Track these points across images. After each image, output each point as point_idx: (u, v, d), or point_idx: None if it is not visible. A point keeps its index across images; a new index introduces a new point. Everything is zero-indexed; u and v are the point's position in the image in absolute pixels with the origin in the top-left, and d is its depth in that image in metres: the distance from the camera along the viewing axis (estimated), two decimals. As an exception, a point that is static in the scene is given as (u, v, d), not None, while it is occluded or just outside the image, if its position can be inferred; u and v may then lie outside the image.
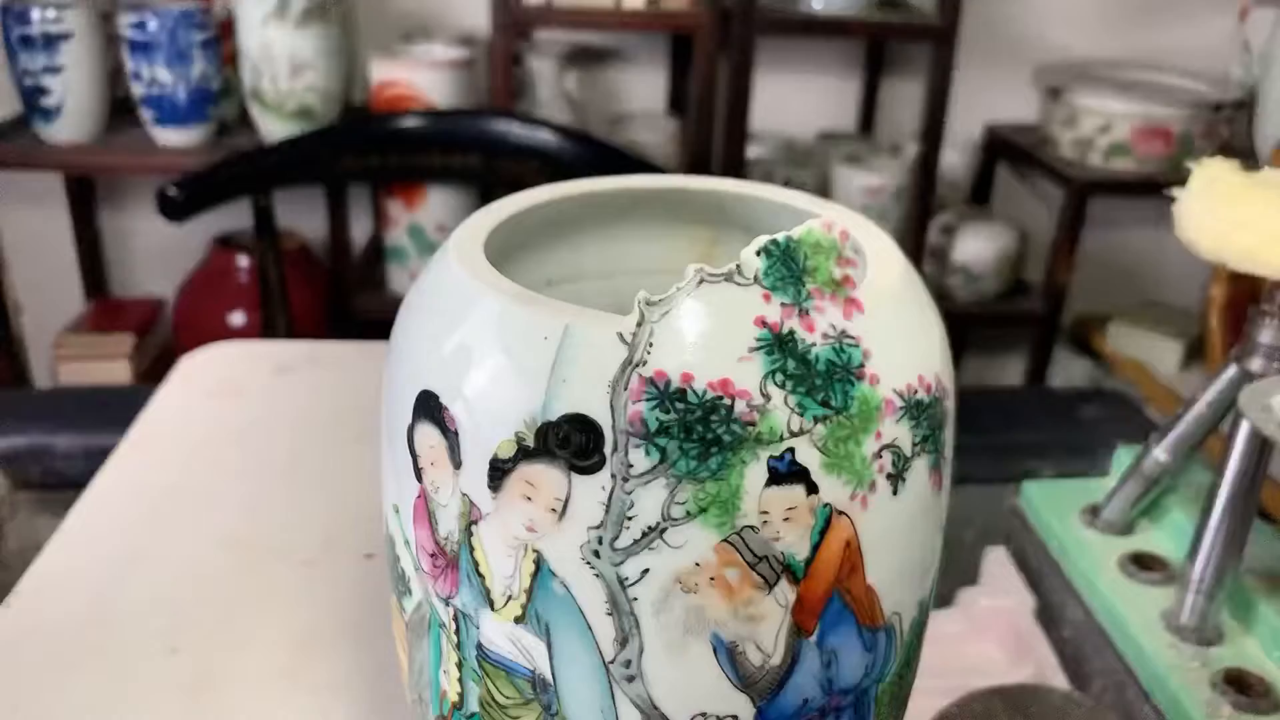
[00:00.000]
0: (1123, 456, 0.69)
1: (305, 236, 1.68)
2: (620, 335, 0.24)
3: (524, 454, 0.24)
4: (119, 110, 1.49)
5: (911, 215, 1.51)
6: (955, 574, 0.72)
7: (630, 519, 0.23)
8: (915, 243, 1.53)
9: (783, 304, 0.24)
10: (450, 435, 0.25)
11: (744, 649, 0.25)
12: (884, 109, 1.76)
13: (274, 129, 1.44)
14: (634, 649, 0.24)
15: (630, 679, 0.25)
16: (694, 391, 0.23)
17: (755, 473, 0.23)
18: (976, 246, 1.57)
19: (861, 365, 0.24)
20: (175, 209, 1.21)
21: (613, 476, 0.23)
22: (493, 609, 0.25)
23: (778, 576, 0.24)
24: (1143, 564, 0.62)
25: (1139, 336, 1.62)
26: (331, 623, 0.48)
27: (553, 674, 0.25)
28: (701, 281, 0.24)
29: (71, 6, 1.37)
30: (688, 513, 0.23)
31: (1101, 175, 1.53)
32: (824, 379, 0.24)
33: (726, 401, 0.23)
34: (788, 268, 0.24)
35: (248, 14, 1.37)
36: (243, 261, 1.58)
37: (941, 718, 0.44)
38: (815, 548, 0.24)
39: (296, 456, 0.61)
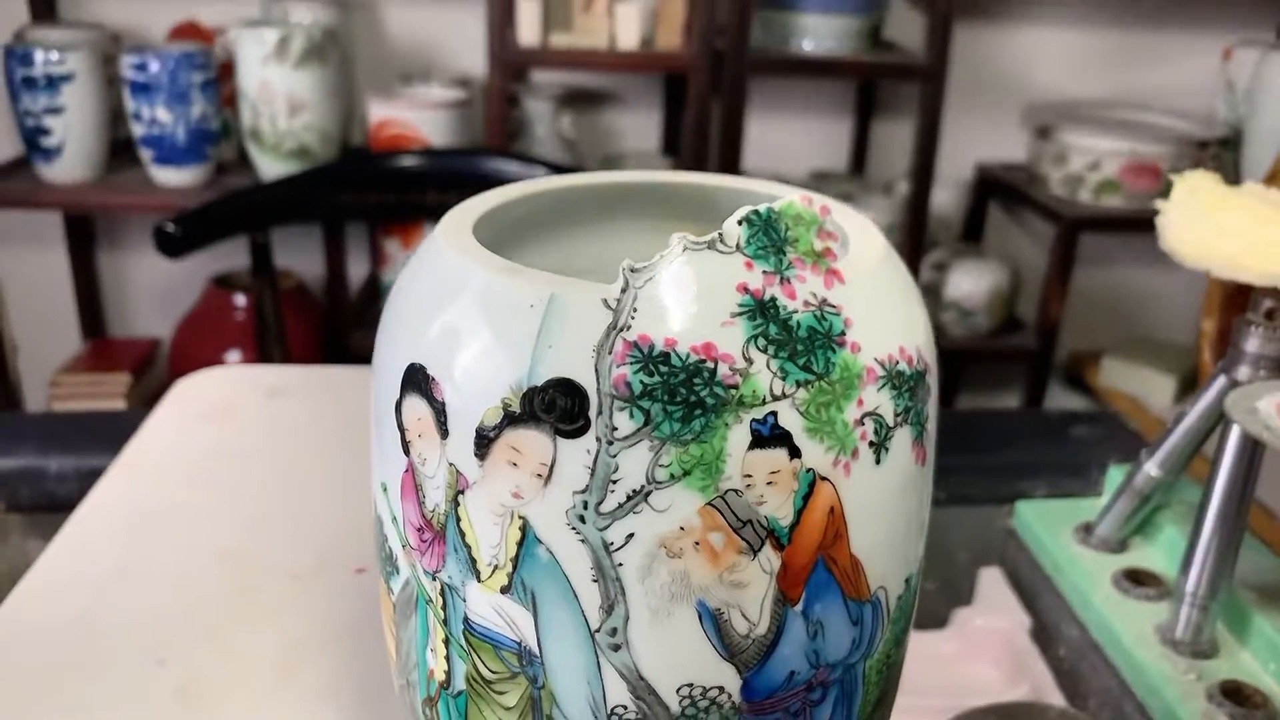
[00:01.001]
0: (1115, 476, 0.69)
1: (302, 276, 1.69)
2: (605, 301, 0.24)
3: (510, 420, 0.24)
4: (118, 151, 1.51)
5: (904, 252, 1.53)
6: (950, 594, 0.72)
7: (615, 482, 0.24)
8: (908, 279, 1.54)
9: (764, 272, 0.24)
10: (437, 405, 0.25)
11: (729, 617, 0.25)
12: (875, 149, 1.78)
13: (272, 168, 1.46)
14: (620, 616, 0.25)
15: (616, 648, 0.25)
16: (677, 355, 0.23)
17: (738, 435, 0.24)
18: (969, 283, 1.58)
19: (843, 333, 0.25)
20: (173, 245, 1.22)
21: (597, 440, 0.23)
22: (479, 580, 0.25)
23: (762, 541, 0.24)
24: (1137, 580, 0.62)
25: (1132, 372, 1.63)
26: (322, 634, 0.48)
27: (539, 645, 0.25)
28: (685, 249, 0.24)
29: (74, 49, 1.39)
30: (671, 475, 0.23)
31: (1092, 211, 1.55)
32: (805, 345, 0.24)
33: (709, 365, 0.23)
34: (769, 237, 0.25)
35: (247, 55, 1.39)
36: (239, 300, 1.59)
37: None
38: (799, 513, 0.24)
39: (289, 476, 0.61)
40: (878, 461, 0.25)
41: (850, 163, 1.77)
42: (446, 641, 0.27)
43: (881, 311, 0.26)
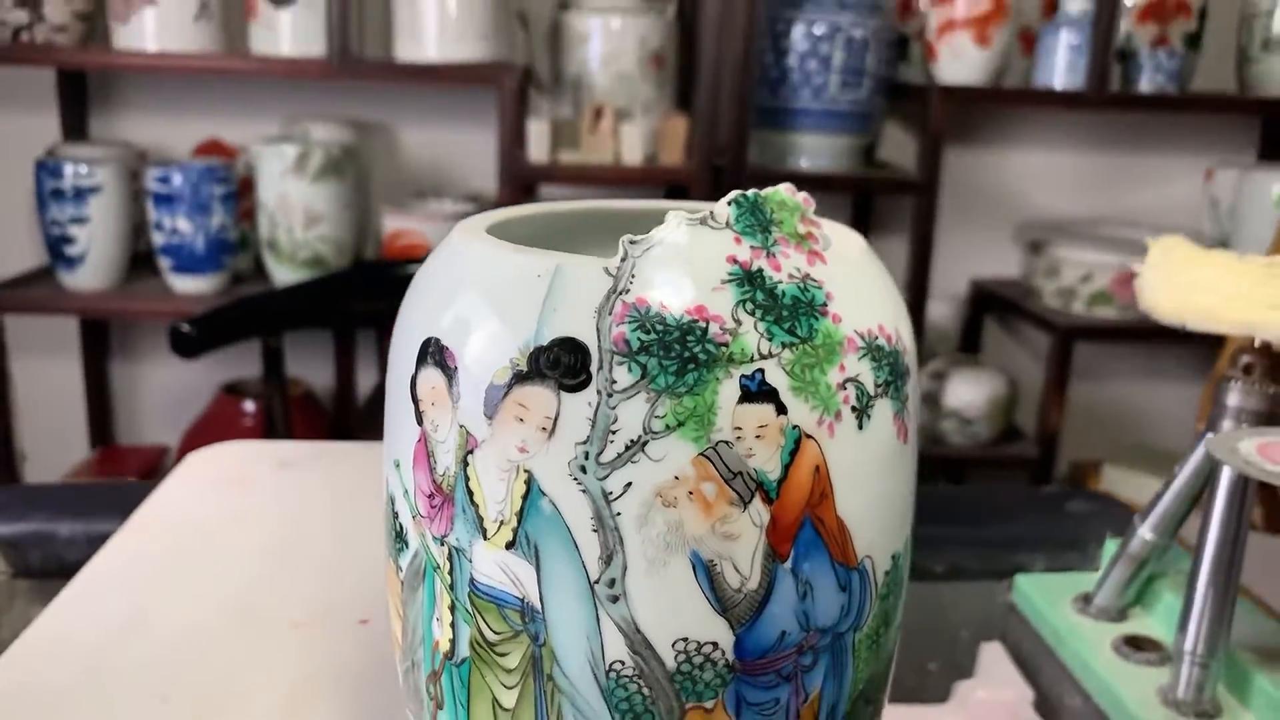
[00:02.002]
0: (1111, 549, 0.70)
1: (311, 384, 1.72)
2: (606, 270, 0.26)
3: (518, 378, 0.26)
4: (138, 263, 1.56)
5: (902, 360, 1.56)
6: (952, 671, 0.72)
7: (614, 433, 0.25)
8: (907, 387, 1.57)
9: (751, 246, 0.27)
10: (450, 372, 0.27)
11: (721, 569, 0.26)
12: (873, 265, 1.83)
13: (287, 277, 1.50)
14: (618, 566, 0.26)
15: (614, 599, 0.26)
16: (672, 315, 0.26)
17: (728, 390, 0.25)
18: (968, 392, 1.60)
19: (824, 304, 0.27)
20: (187, 346, 1.25)
21: (598, 393, 0.25)
22: (485, 538, 0.27)
23: (752, 494, 0.26)
24: (1137, 645, 0.62)
25: (1134, 480, 1.63)
26: (325, 680, 0.48)
27: (541, 600, 0.27)
28: (679, 225, 0.27)
29: (102, 163, 1.46)
30: (667, 425, 0.25)
31: (1085, 321, 1.59)
32: (790, 311, 0.26)
33: (701, 324, 0.26)
34: (755, 217, 0.27)
35: (268, 169, 1.46)
36: (249, 407, 1.61)
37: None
38: (786, 468, 0.26)
39: (295, 536, 0.63)
40: (860, 427, 0.27)
41: (848, 277, 1.82)
42: (452, 608, 0.28)
43: (861, 293, 0.28)
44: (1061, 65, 1.51)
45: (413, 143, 1.71)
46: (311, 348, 1.71)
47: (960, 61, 1.49)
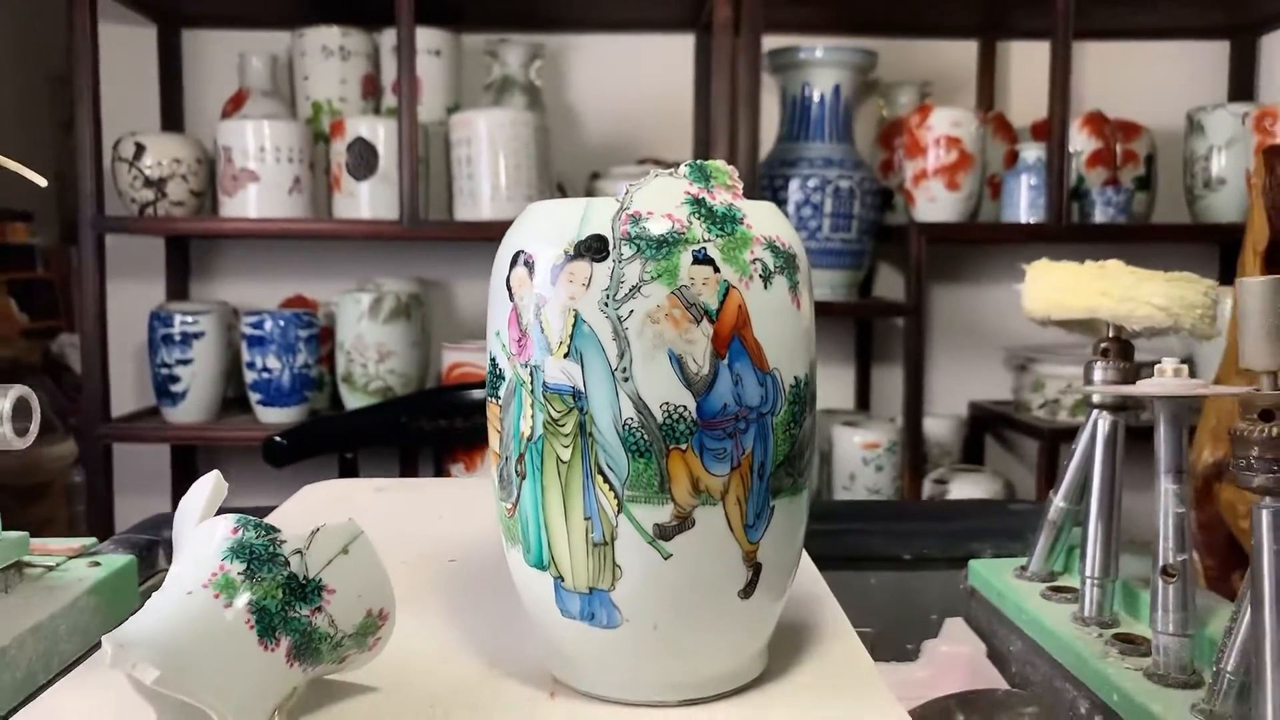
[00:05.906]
0: (1044, 532, 0.86)
1: (375, 509, 1.91)
2: (616, 199, 0.47)
3: (568, 259, 0.47)
4: (229, 404, 1.80)
5: (904, 464, 1.73)
6: (920, 639, 0.89)
7: (622, 283, 0.46)
8: (913, 491, 1.73)
9: (699, 187, 0.48)
10: (530, 265, 0.48)
11: (687, 361, 0.46)
12: (876, 390, 2.03)
13: (359, 406, 1.73)
14: (627, 360, 0.46)
15: (626, 380, 0.46)
16: (653, 218, 0.46)
17: (686, 258, 0.46)
18: (966, 492, 1.76)
19: (742, 218, 0.48)
20: (279, 455, 1.46)
21: (614, 261, 0.46)
22: (551, 354, 0.47)
23: (702, 317, 0.46)
24: (1058, 591, 0.79)
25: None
26: (424, 596, 0.66)
27: (585, 385, 0.46)
28: (656, 175, 0.48)
29: (206, 313, 1.71)
30: (652, 277, 0.46)
31: (1068, 425, 1.76)
32: (720, 219, 0.47)
33: (669, 224, 0.46)
34: (701, 173, 0.48)
35: (346, 313, 1.71)
36: (320, 527, 1.80)
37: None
38: (721, 303, 0.46)
39: (396, 524, 0.81)
40: (765, 288, 0.47)
41: (856, 401, 2.02)
42: (532, 405, 0.48)
43: (765, 218, 0.49)
44: (1024, 204, 1.75)
45: (467, 292, 1.97)
46: (378, 472, 1.91)
47: (934, 204, 1.73)
